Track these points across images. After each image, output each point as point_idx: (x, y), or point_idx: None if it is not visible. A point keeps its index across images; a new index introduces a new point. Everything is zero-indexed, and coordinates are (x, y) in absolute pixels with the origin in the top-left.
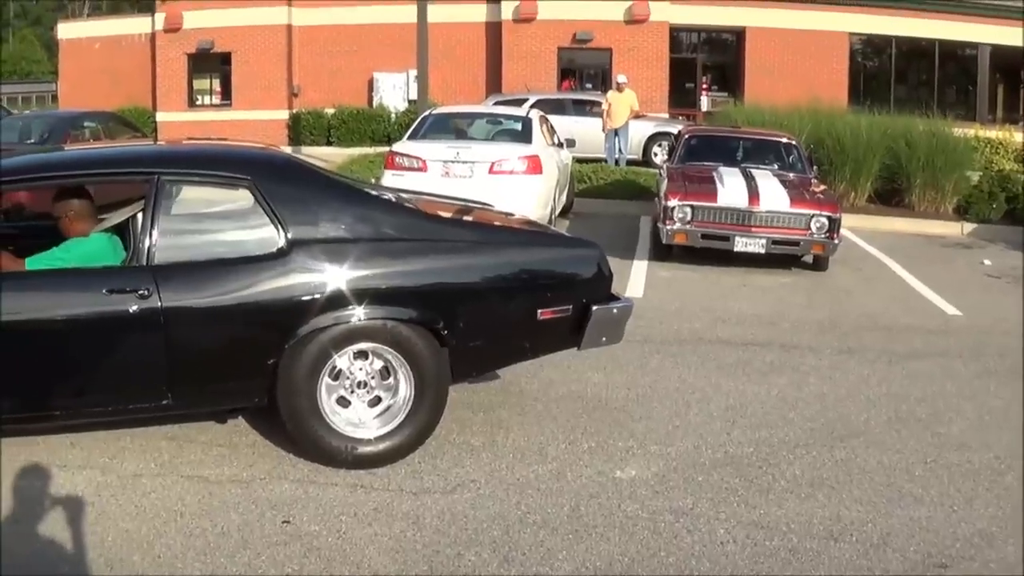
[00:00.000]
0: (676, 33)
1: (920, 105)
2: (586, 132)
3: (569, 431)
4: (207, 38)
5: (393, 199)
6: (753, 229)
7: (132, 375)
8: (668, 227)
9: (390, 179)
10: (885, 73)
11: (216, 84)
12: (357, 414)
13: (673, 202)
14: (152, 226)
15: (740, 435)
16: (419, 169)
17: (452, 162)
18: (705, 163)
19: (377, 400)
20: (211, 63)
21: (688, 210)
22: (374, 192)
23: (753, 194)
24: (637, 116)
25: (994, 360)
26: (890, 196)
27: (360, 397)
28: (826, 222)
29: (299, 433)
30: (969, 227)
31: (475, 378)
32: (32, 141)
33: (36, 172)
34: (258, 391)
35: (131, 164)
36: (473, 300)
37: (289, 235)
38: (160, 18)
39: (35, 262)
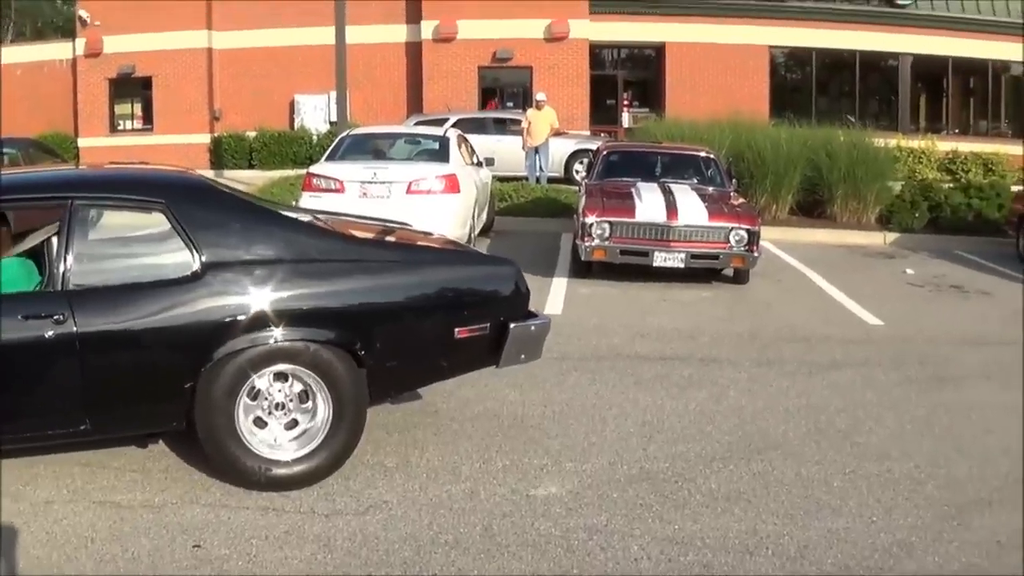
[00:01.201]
0: (596, 50)
1: (842, 116)
2: (507, 150)
3: (484, 450)
4: (128, 62)
5: (310, 220)
6: (672, 244)
7: (49, 401)
8: (587, 244)
9: (308, 201)
10: (807, 85)
11: (138, 109)
12: (274, 435)
13: (591, 218)
14: (67, 250)
15: (656, 450)
16: (336, 191)
17: (369, 183)
18: (623, 179)
19: (294, 423)
20: (132, 88)
21: (606, 226)
22: (291, 214)
23: (671, 209)
24: (558, 133)
25: (915, 368)
26: (812, 208)
27: (277, 419)
28: (745, 235)
29: (216, 454)
30: (892, 237)
31: (394, 398)
32: None
33: None
34: (176, 414)
35: (45, 189)
36: (390, 320)
37: (203, 258)
38: (81, 43)
39: None
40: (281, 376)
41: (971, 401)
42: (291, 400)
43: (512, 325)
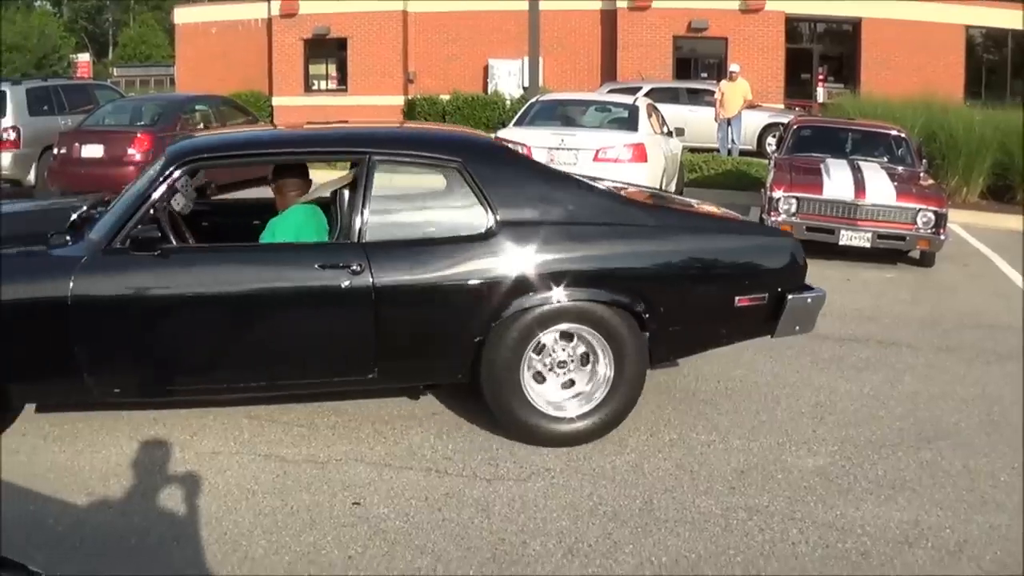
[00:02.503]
0: (792, 23)
1: None
2: (699, 121)
3: (652, 422)
4: (323, 24)
5: (597, 184)
6: (858, 222)
7: (340, 349)
8: (773, 218)
9: None
10: (1003, 67)
11: (332, 69)
12: (555, 393)
13: (778, 193)
14: (363, 204)
15: (826, 433)
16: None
17: (557, 149)
18: (813, 154)
19: (571, 383)
20: (327, 48)
21: (793, 202)
22: (575, 177)
23: (860, 187)
24: (751, 106)
25: None
26: (1003, 193)
27: (557, 376)
28: (932, 217)
29: (499, 408)
30: None
31: (669, 363)
32: (143, 123)
33: (252, 148)
34: (461, 367)
35: (343, 143)
36: (675, 285)
37: (497, 217)
38: (276, 4)
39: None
40: (566, 335)
41: None
42: (572, 360)
43: (790, 296)
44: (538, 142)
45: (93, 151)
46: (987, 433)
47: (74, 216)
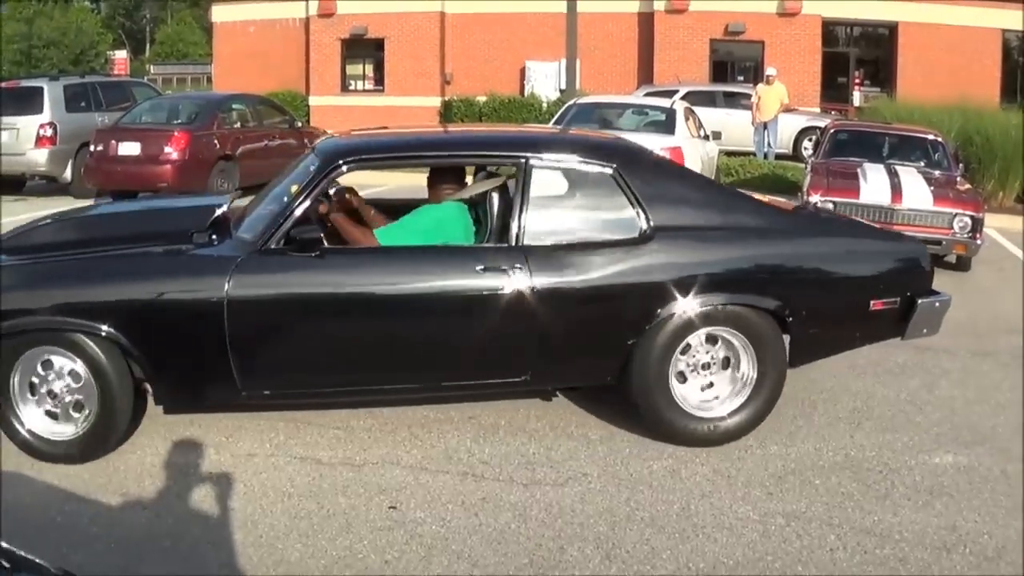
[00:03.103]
0: (829, 27)
1: None
2: (736, 125)
3: None
4: (361, 24)
5: (737, 190)
6: (895, 227)
7: (498, 352)
8: None
9: None
10: None
11: (369, 70)
12: (696, 394)
13: (815, 197)
14: (522, 208)
15: (863, 438)
16: None
17: None
18: (850, 159)
19: (710, 384)
20: (364, 49)
21: (830, 206)
22: (720, 183)
23: (896, 191)
24: (787, 110)
25: None
26: None
27: (699, 377)
28: (969, 222)
29: (647, 408)
30: None
31: (805, 364)
32: (179, 122)
33: (410, 150)
34: (612, 369)
35: (501, 147)
36: (817, 289)
37: (651, 221)
38: (314, 4)
39: (386, 232)
40: (711, 339)
41: None
42: (715, 362)
43: (920, 301)
44: None
45: (130, 148)
46: None
47: (216, 214)
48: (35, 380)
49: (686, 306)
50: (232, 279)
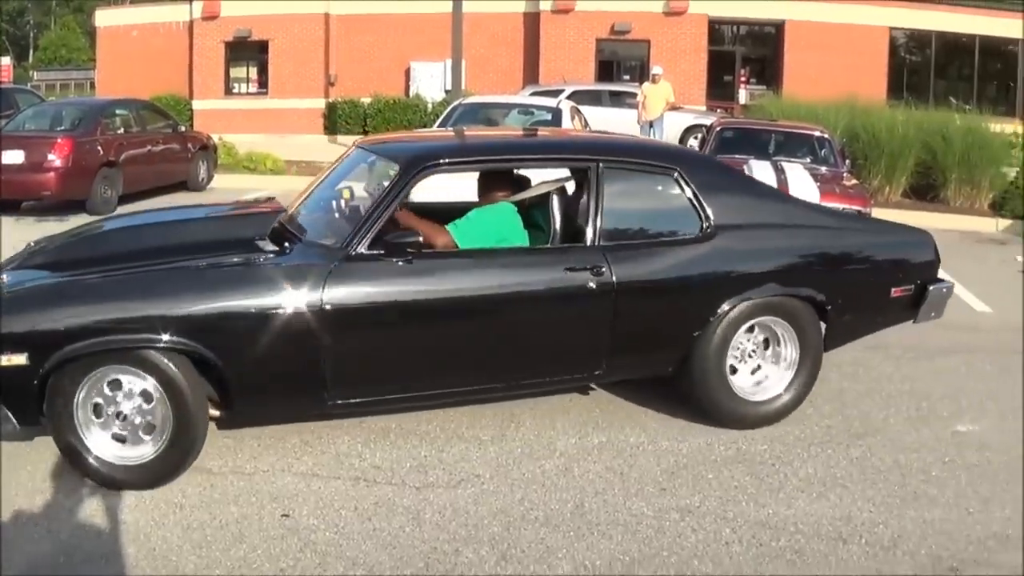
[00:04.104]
0: (715, 25)
1: (960, 100)
2: (622, 124)
3: (580, 425)
4: (245, 26)
5: (776, 189)
6: None
7: (580, 348)
8: None
9: None
10: (925, 68)
11: (253, 72)
12: (746, 379)
13: None
14: (597, 209)
15: (754, 432)
16: None
17: None
18: (736, 156)
19: (758, 367)
20: (248, 51)
21: None
22: (765, 184)
23: (782, 187)
24: (673, 108)
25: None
26: (925, 191)
27: (747, 364)
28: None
29: (704, 397)
30: (1004, 223)
31: (835, 348)
32: (63, 128)
33: (489, 154)
34: (674, 360)
35: (574, 151)
36: (851, 279)
37: (712, 220)
38: (198, 6)
39: (455, 227)
40: (752, 327)
41: None
42: (757, 348)
43: (930, 287)
44: None
45: (13, 157)
46: (916, 429)
47: (277, 222)
48: (100, 402)
49: (745, 298)
50: (327, 286)
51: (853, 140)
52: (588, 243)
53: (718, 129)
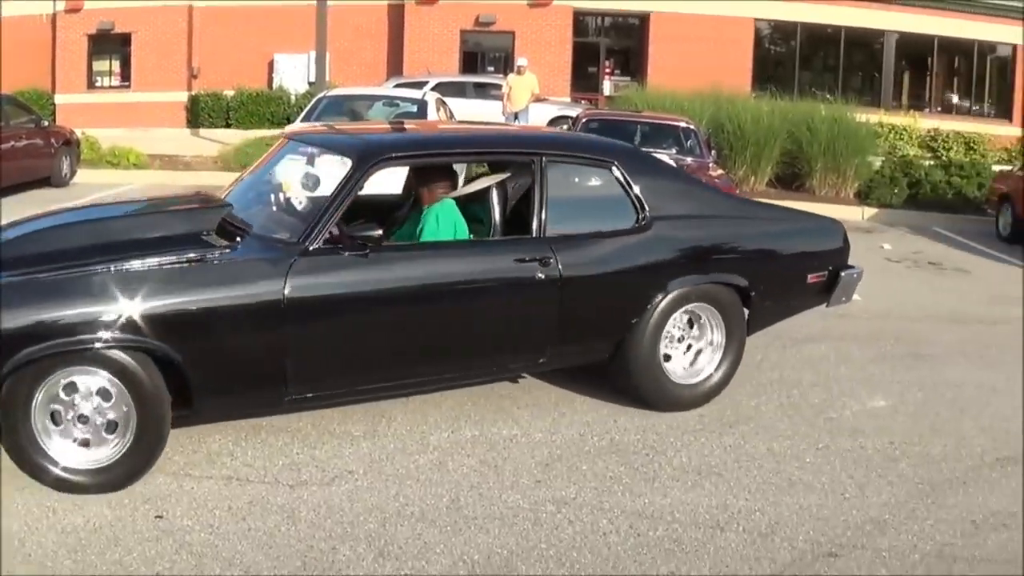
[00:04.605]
0: (580, 17)
1: (825, 91)
2: (487, 115)
3: (453, 420)
4: (108, 19)
5: (704, 182)
6: None
7: (527, 336)
8: None
9: None
10: (790, 59)
11: (116, 66)
12: (678, 363)
13: None
14: (542, 202)
15: (627, 421)
16: None
17: None
18: None
19: (688, 350)
20: (112, 44)
21: None
22: (691, 175)
23: None
24: (538, 100)
25: (891, 345)
26: (791, 181)
27: (678, 347)
28: None
29: (643, 380)
30: (870, 212)
31: (756, 332)
32: None
33: (441, 148)
34: (609, 347)
35: (519, 145)
36: (773, 266)
37: (648, 211)
38: None
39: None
40: (681, 313)
41: (947, 379)
42: (686, 333)
43: (843, 273)
44: None
45: None
46: (788, 416)
47: (223, 216)
48: (58, 408)
49: (677, 286)
50: (288, 281)
51: (719, 131)
52: (534, 235)
53: (583, 120)
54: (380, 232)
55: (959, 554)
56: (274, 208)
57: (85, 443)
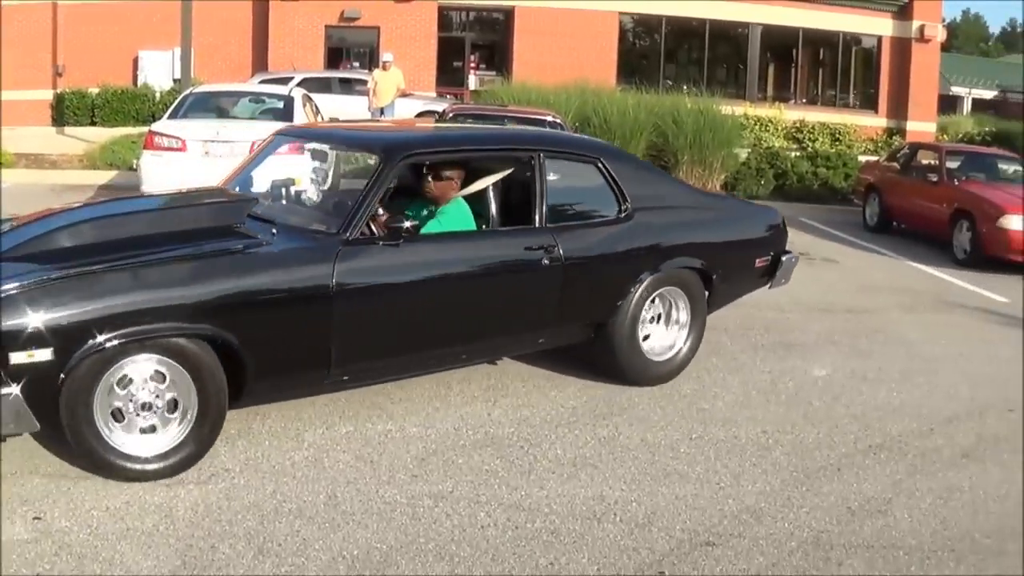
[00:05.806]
0: (444, 12)
1: (690, 84)
2: (353, 111)
3: (327, 415)
4: None
5: (669, 175)
6: None
7: (533, 318)
8: None
9: (149, 159)
10: (655, 52)
11: None
12: (654, 341)
13: None
14: (543, 194)
15: (501, 415)
16: (179, 149)
17: (212, 141)
18: None
19: (662, 325)
20: None
21: None
22: (660, 170)
23: None
24: (404, 94)
25: (761, 334)
26: None
27: (655, 327)
28: None
29: (625, 356)
30: None
31: (713, 312)
32: None
33: (460, 144)
34: (594, 327)
35: (521, 143)
36: (730, 252)
37: (630, 202)
38: None
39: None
40: (655, 296)
41: (817, 368)
42: (658, 313)
43: (783, 257)
44: (192, 135)
45: None
46: (661, 407)
47: (251, 209)
48: (118, 404)
49: (657, 269)
50: (337, 268)
51: (585, 124)
52: (537, 224)
53: (450, 115)
54: (414, 223)
55: (836, 541)
56: (284, 202)
57: (152, 429)
